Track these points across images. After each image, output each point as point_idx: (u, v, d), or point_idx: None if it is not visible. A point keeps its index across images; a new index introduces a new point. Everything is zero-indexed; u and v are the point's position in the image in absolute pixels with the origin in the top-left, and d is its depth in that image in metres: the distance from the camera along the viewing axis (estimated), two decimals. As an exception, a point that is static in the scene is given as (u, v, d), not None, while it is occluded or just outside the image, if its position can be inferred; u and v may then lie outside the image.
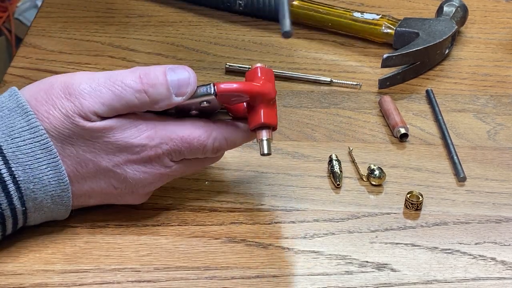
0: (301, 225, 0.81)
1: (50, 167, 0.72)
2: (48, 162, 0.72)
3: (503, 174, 0.88)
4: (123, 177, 0.75)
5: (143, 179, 0.76)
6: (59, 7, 1.16)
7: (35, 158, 0.72)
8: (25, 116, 0.72)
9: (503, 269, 0.77)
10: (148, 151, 0.74)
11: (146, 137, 0.74)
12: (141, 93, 0.72)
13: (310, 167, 0.88)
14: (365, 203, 0.84)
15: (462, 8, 1.11)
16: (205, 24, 1.13)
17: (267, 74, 0.77)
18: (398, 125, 0.92)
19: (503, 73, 1.04)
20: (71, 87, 0.72)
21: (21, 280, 0.74)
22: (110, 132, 0.73)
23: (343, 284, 0.75)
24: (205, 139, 0.76)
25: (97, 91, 0.72)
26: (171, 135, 0.75)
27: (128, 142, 0.73)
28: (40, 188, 0.72)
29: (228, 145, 0.78)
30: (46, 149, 0.72)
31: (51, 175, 0.72)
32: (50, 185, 0.73)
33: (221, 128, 0.77)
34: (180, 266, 0.76)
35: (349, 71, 1.04)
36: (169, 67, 0.74)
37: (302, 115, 0.96)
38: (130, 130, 0.73)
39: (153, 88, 0.72)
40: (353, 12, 1.10)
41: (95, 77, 0.73)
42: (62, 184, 0.73)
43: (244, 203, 0.83)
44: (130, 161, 0.75)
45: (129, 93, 0.72)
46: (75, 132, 0.72)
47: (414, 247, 0.79)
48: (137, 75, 0.72)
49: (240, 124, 0.78)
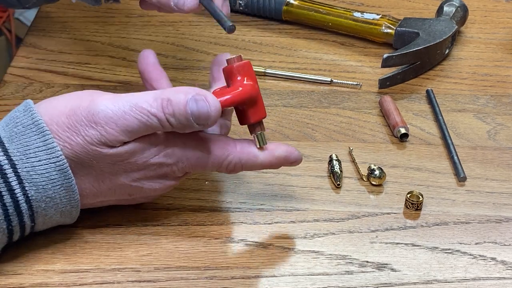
0: (301, 225, 0.81)
1: (63, 188, 0.72)
2: (62, 183, 0.72)
3: (503, 174, 0.88)
4: (139, 189, 0.76)
5: (158, 189, 0.77)
6: (59, 7, 1.16)
7: (50, 179, 0.71)
8: (42, 135, 0.71)
9: (503, 269, 0.77)
10: (165, 168, 0.75)
11: (164, 155, 0.74)
12: (164, 121, 0.72)
13: (310, 167, 0.88)
14: (365, 203, 0.84)
15: (462, 8, 1.11)
16: (205, 24, 1.13)
17: (244, 70, 0.76)
18: (398, 125, 0.92)
19: (503, 73, 1.05)
20: (96, 115, 0.71)
21: (21, 280, 0.74)
22: (131, 155, 0.73)
23: (343, 284, 0.75)
24: (220, 161, 0.76)
25: (123, 119, 0.71)
26: (188, 154, 0.75)
27: (147, 161, 0.74)
28: (51, 206, 0.73)
29: (244, 169, 0.77)
30: (61, 170, 0.71)
31: (63, 194, 0.73)
32: (62, 203, 0.73)
33: (241, 152, 0.76)
34: (180, 266, 0.76)
35: (349, 71, 1.04)
36: (192, 97, 0.72)
37: (302, 115, 0.96)
38: (150, 150, 0.74)
39: (174, 118, 0.72)
40: (353, 12, 1.10)
41: (119, 104, 0.72)
42: (73, 202, 0.74)
43: (244, 203, 0.83)
44: (147, 177, 0.75)
45: (153, 121, 0.72)
46: (96, 158, 0.72)
47: (414, 247, 0.79)
48: (160, 104, 0.72)
49: (260, 153, 0.77)
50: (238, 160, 0.76)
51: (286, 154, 0.77)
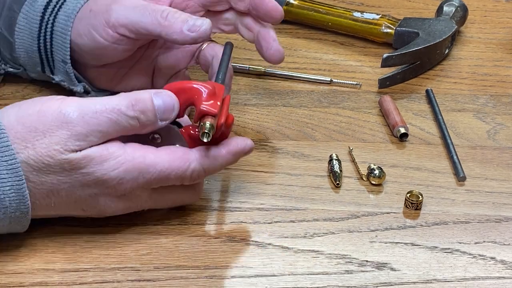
0: (301, 225, 0.81)
1: (13, 189, 0.71)
2: (12, 184, 0.70)
3: (503, 174, 0.88)
4: (94, 205, 0.75)
5: (114, 208, 0.76)
6: (59, 7, 1.15)
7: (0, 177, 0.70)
8: None
9: (503, 268, 0.77)
10: (124, 184, 0.74)
11: (124, 171, 0.73)
12: (134, 119, 0.73)
13: (310, 167, 0.88)
14: (365, 202, 0.84)
15: (462, 8, 1.11)
16: (205, 24, 1.13)
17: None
18: (398, 125, 0.92)
19: (503, 73, 1.05)
20: (67, 115, 0.71)
21: (21, 279, 0.74)
22: (89, 163, 0.72)
23: (343, 283, 0.75)
24: (183, 171, 0.75)
25: (94, 118, 0.72)
26: (149, 168, 0.74)
27: (106, 174, 0.73)
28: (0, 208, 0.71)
29: (206, 174, 0.77)
30: (12, 169, 0.70)
31: (13, 197, 0.71)
32: (11, 207, 0.71)
33: (200, 158, 0.76)
34: (180, 265, 0.76)
35: (349, 71, 1.04)
36: (154, 92, 0.75)
37: (302, 115, 0.96)
38: (109, 162, 0.73)
39: (143, 114, 0.74)
40: (353, 12, 1.10)
41: (90, 104, 0.72)
42: (22, 208, 0.72)
43: (244, 203, 0.83)
44: (104, 193, 0.74)
45: (124, 120, 0.73)
46: (56, 163, 0.71)
47: (414, 246, 0.79)
48: (129, 102, 0.73)
49: (220, 152, 0.77)
50: (200, 167, 0.76)
51: (243, 147, 0.78)
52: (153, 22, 0.83)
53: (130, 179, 0.74)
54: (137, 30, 0.84)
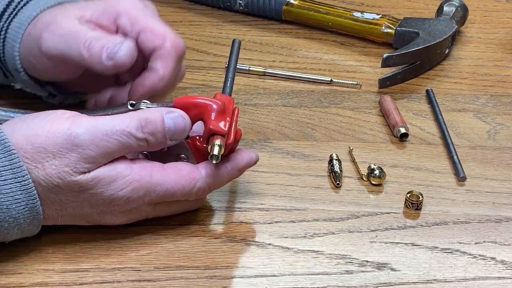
0: (301, 225, 0.81)
1: (28, 209, 0.71)
2: (26, 203, 0.71)
3: (503, 174, 0.88)
4: (99, 220, 0.76)
5: (117, 221, 0.77)
6: (59, 7, 1.15)
7: (14, 199, 0.70)
8: (8, 155, 0.70)
9: (503, 268, 0.77)
10: (131, 202, 0.74)
11: (131, 190, 0.73)
12: (143, 141, 0.73)
13: (310, 167, 0.88)
14: (365, 202, 0.84)
15: (462, 8, 1.11)
16: (205, 23, 1.13)
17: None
18: (398, 125, 0.92)
19: (503, 73, 1.05)
20: (77, 137, 0.71)
21: (21, 279, 0.74)
22: (97, 184, 0.72)
23: (343, 283, 0.75)
24: (189, 190, 0.76)
25: (104, 141, 0.72)
26: (156, 187, 0.74)
27: (114, 194, 0.73)
28: (14, 226, 0.71)
29: (211, 190, 0.78)
30: (26, 190, 0.70)
31: (27, 215, 0.71)
32: (25, 223, 0.72)
33: (207, 177, 0.76)
34: (180, 265, 0.76)
35: (349, 71, 1.04)
36: (167, 112, 0.74)
37: (302, 115, 0.96)
38: (117, 182, 0.73)
39: (153, 136, 0.74)
40: (353, 12, 1.10)
41: (100, 127, 0.72)
42: (35, 222, 0.73)
43: (244, 203, 0.83)
44: (111, 211, 0.75)
45: (133, 142, 0.73)
46: (65, 184, 0.71)
47: (414, 246, 0.79)
48: (139, 124, 0.73)
49: (225, 169, 0.77)
50: (205, 185, 0.76)
51: (248, 162, 0.78)
52: (77, 53, 0.79)
53: (137, 198, 0.74)
54: (66, 60, 0.80)
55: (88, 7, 0.82)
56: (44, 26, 0.81)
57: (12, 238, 0.73)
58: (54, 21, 0.81)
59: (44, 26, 0.81)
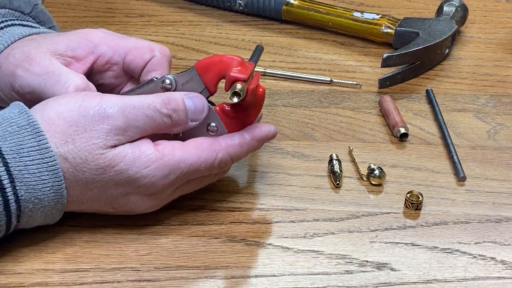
0: (301, 225, 0.81)
1: (53, 190, 0.72)
2: (52, 185, 0.72)
3: (503, 174, 0.88)
4: (124, 204, 0.76)
5: (143, 207, 0.77)
6: (59, 7, 1.16)
7: (41, 179, 0.71)
8: (36, 135, 0.72)
9: (503, 268, 0.77)
10: (156, 182, 0.75)
11: (155, 168, 0.74)
12: (167, 117, 0.75)
13: (310, 167, 0.88)
14: (365, 202, 0.84)
15: (462, 8, 1.11)
16: (205, 24, 1.13)
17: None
18: (398, 125, 0.92)
19: (503, 73, 1.05)
20: (108, 109, 0.73)
21: (21, 279, 0.74)
22: (122, 160, 0.73)
23: (343, 283, 0.75)
24: (211, 162, 0.77)
25: (132, 113, 0.74)
26: (179, 164, 0.75)
27: (138, 172, 0.74)
28: (38, 208, 0.72)
29: (233, 162, 0.79)
30: (53, 171, 0.72)
31: (52, 197, 0.72)
32: (49, 206, 0.73)
33: (227, 147, 0.77)
34: (180, 265, 0.76)
35: (349, 71, 1.04)
36: (185, 93, 0.77)
37: (302, 115, 0.96)
38: (141, 160, 0.74)
39: (175, 113, 0.76)
40: (353, 12, 1.10)
41: (127, 100, 0.74)
42: (59, 206, 0.74)
43: (244, 203, 0.83)
44: (135, 192, 0.75)
45: (159, 117, 0.75)
46: (93, 158, 0.73)
47: (414, 246, 0.79)
48: (163, 101, 0.75)
49: (244, 139, 0.78)
50: (227, 156, 0.77)
51: (267, 133, 0.79)
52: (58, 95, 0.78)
53: (161, 177, 0.75)
54: (42, 98, 0.79)
55: (61, 41, 0.82)
56: (17, 62, 0.80)
57: (34, 223, 0.74)
58: (28, 57, 0.80)
59: (18, 62, 0.80)
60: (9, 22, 0.85)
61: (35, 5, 0.89)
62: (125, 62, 0.83)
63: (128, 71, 0.84)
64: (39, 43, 0.81)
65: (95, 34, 0.83)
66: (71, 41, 0.82)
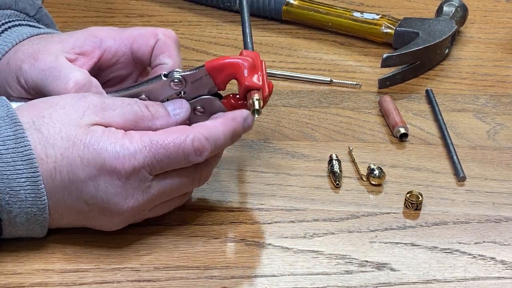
0: (301, 225, 0.81)
1: (29, 182, 0.71)
2: (27, 175, 0.71)
3: (502, 174, 0.88)
4: (95, 191, 0.73)
5: (115, 193, 0.74)
6: (59, 7, 1.16)
7: (15, 169, 0.71)
8: (13, 126, 0.72)
9: (503, 268, 0.77)
10: (126, 160, 0.72)
11: (121, 145, 0.73)
12: (145, 107, 0.76)
13: (310, 167, 0.88)
14: (365, 202, 0.84)
15: (462, 8, 1.11)
16: (205, 24, 1.13)
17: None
18: (398, 125, 0.92)
19: (503, 73, 1.05)
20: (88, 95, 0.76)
21: (21, 280, 0.74)
22: (92, 136, 0.73)
23: (343, 283, 0.75)
24: (182, 140, 0.74)
25: (111, 100, 0.76)
26: (145, 142, 0.73)
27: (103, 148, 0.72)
28: (15, 201, 0.71)
29: (211, 144, 0.75)
30: (28, 161, 0.71)
31: (29, 191, 0.72)
32: (27, 201, 0.72)
33: (198, 128, 0.75)
34: (179, 265, 0.76)
35: (349, 71, 1.04)
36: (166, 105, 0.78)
37: (302, 115, 0.96)
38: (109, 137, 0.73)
39: (153, 106, 0.77)
40: (353, 12, 1.10)
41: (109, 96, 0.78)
42: (39, 203, 0.72)
43: (244, 203, 0.83)
44: (102, 174, 0.73)
45: (137, 106, 0.76)
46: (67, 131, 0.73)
47: (413, 246, 0.79)
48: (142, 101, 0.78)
49: (217, 120, 0.77)
50: (200, 135, 0.75)
51: (240, 112, 0.77)
52: (58, 90, 0.79)
53: (127, 155, 0.72)
54: (45, 94, 0.80)
55: (69, 38, 0.83)
56: (25, 57, 0.81)
57: (19, 225, 0.73)
58: (36, 53, 0.81)
59: (25, 57, 0.81)
60: (17, 22, 0.86)
61: (39, 8, 0.89)
62: (132, 51, 0.83)
63: (136, 60, 0.84)
64: (48, 41, 0.82)
65: (102, 30, 0.84)
66: (78, 39, 0.83)
